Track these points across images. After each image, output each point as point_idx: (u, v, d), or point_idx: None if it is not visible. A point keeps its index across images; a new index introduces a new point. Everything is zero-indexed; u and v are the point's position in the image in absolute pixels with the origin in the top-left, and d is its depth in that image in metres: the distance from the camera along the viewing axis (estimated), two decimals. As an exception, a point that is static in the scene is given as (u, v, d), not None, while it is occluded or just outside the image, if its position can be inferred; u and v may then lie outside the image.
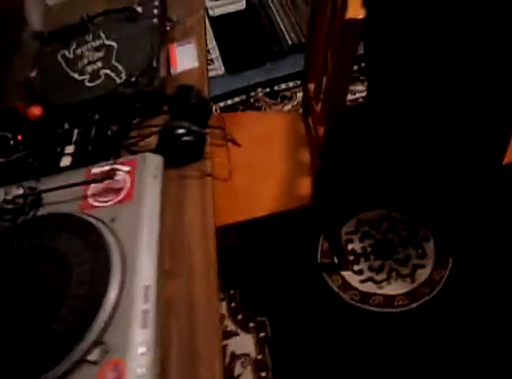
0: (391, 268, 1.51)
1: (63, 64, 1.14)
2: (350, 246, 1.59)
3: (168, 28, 1.24)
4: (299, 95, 2.06)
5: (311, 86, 1.27)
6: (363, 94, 1.94)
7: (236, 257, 1.61)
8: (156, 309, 0.70)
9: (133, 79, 1.02)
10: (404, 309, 1.43)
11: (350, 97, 1.96)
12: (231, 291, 1.56)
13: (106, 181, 0.84)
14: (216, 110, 2.11)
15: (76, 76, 1.10)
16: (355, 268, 1.53)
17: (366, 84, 1.88)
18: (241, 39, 2.12)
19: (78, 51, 1.16)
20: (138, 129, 1.01)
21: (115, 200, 0.83)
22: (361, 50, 1.21)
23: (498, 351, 1.29)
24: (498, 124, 1.10)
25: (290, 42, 2.18)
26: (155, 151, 0.90)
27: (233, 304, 1.53)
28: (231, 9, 2.01)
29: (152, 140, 0.95)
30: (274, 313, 1.49)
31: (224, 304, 1.54)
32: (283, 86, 2.11)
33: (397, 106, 1.15)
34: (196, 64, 1.13)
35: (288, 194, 1.24)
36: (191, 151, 0.90)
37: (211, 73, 2.25)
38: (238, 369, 1.41)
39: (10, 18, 1.31)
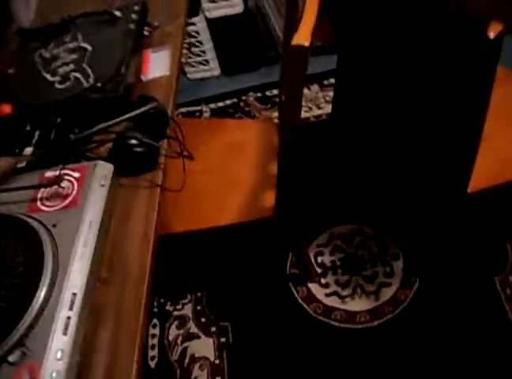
0: (357, 283, 1.52)
1: (39, 63, 1.17)
2: (320, 259, 1.60)
3: (146, 33, 1.26)
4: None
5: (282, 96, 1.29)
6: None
7: (207, 260, 1.63)
8: (79, 317, 0.73)
9: (99, 84, 1.04)
10: (366, 326, 1.44)
11: (317, 112, 1.98)
12: (198, 294, 1.58)
13: (54, 187, 0.87)
14: (200, 113, 2.13)
15: (48, 76, 1.12)
16: (323, 281, 1.54)
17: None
18: (237, 42, 2.13)
19: (55, 51, 1.18)
20: (101, 135, 1.03)
21: (61, 206, 0.85)
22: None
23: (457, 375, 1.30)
24: (460, 152, 1.10)
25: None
26: (107, 159, 0.92)
27: (198, 307, 1.56)
28: (229, 12, 2.02)
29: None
30: (238, 320, 1.51)
31: (189, 306, 1.56)
32: (275, 91, 2.12)
33: (362, 122, 1.16)
34: (167, 72, 1.15)
35: (252, 205, 1.25)
36: (142, 162, 0.92)
37: (206, 74, 2.28)
38: (196, 372, 1.44)
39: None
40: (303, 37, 0.75)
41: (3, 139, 1.00)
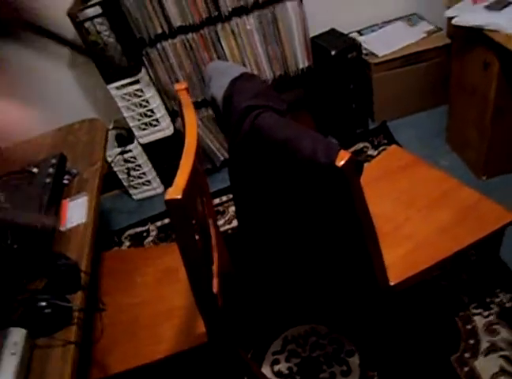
0: (317, 388, 1.49)
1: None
2: (276, 367, 1.57)
3: (66, 182, 1.34)
4: (232, 208, 2.14)
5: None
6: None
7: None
8: None
9: (15, 246, 1.08)
10: None
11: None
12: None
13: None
14: (147, 233, 2.18)
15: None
16: (282, 391, 1.51)
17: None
18: (174, 160, 2.23)
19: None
20: (21, 294, 1.05)
21: (-31, 385, 0.85)
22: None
23: None
24: (357, 258, 1.13)
25: (221, 157, 2.30)
26: (19, 323, 0.94)
27: None
28: (160, 135, 2.14)
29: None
30: None
31: None
32: (216, 201, 2.20)
33: (262, 236, 1.21)
34: (84, 220, 1.20)
35: (188, 333, 1.25)
36: (53, 322, 0.93)
37: (150, 193, 2.36)
38: None
39: None
40: (175, 192, 0.81)
41: None
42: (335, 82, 2.17)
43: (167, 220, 2.20)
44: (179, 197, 0.81)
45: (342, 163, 0.76)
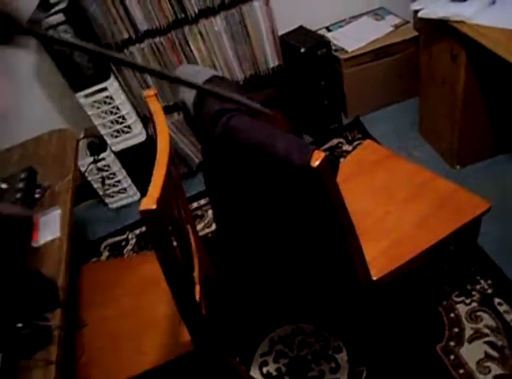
0: (306, 387, 1.48)
1: None
2: (265, 369, 1.56)
3: (38, 196, 1.30)
4: (210, 212, 2.12)
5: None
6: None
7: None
8: None
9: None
10: None
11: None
12: None
13: None
14: (126, 241, 2.14)
15: None
16: (272, 393, 1.50)
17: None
18: (149, 166, 2.20)
19: None
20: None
21: None
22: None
23: None
24: (336, 255, 1.13)
25: (197, 160, 2.28)
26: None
27: None
28: (132, 142, 2.11)
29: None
30: None
31: None
32: (195, 205, 2.17)
33: (239, 238, 1.20)
34: (58, 234, 1.17)
35: (172, 342, 1.23)
36: (32, 343, 0.90)
37: (127, 201, 2.32)
38: None
39: None
40: (150, 201, 0.79)
41: None
42: (306, 79, 2.17)
43: (144, 228, 2.17)
44: (154, 207, 0.79)
45: (317, 163, 0.75)
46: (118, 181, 2.23)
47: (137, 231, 2.17)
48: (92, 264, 1.94)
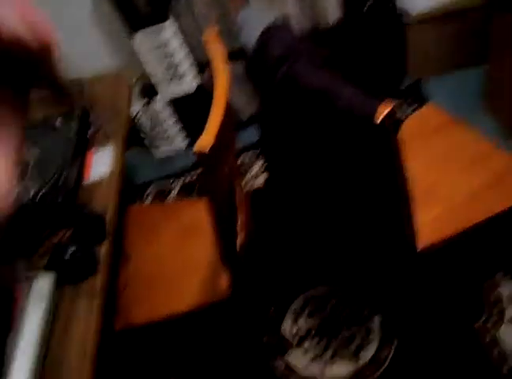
0: (336, 347, 1.49)
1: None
2: (296, 326, 1.58)
3: (91, 135, 1.32)
4: (255, 167, 2.11)
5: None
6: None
7: (174, 345, 1.60)
8: None
9: (40, 195, 1.08)
10: (349, 393, 1.40)
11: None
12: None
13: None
14: (169, 190, 2.17)
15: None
16: (301, 347, 1.52)
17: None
18: (198, 116, 2.19)
19: None
20: (47, 242, 1.05)
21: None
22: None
23: None
24: (389, 220, 1.10)
25: (247, 114, 2.25)
26: (46, 268, 0.94)
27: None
28: (185, 89, 2.10)
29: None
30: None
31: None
32: (241, 158, 2.16)
33: (293, 191, 1.18)
34: (109, 171, 1.19)
35: (210, 288, 1.26)
36: (81, 270, 0.94)
37: (172, 149, 2.34)
38: None
39: None
40: (203, 144, 0.78)
41: None
42: (368, 37, 2.07)
43: (189, 178, 2.19)
44: (208, 149, 0.78)
45: (382, 117, 0.71)
46: (167, 129, 2.24)
47: (181, 181, 2.19)
48: (137, 205, 1.98)
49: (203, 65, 2.11)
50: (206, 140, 0.79)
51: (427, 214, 1.23)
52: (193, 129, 2.28)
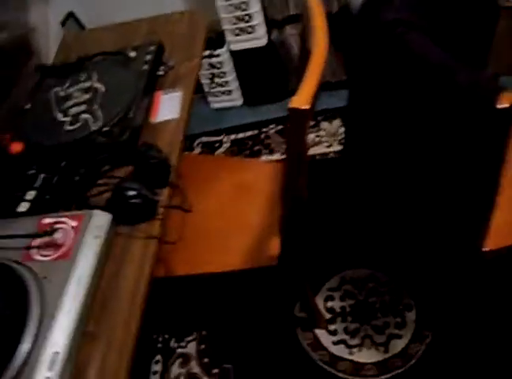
0: (366, 333, 1.46)
1: (53, 101, 1.18)
2: (329, 304, 1.55)
3: (161, 73, 1.26)
4: (311, 136, 2.04)
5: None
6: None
7: (212, 301, 1.60)
8: (60, 378, 0.71)
9: (106, 128, 1.05)
10: (372, 380, 1.37)
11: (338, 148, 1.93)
12: (204, 332, 1.55)
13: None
14: (220, 143, 2.13)
15: (59, 116, 1.13)
16: (331, 327, 1.49)
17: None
18: (260, 74, 2.12)
19: (69, 90, 1.20)
20: (106, 179, 1.02)
21: (54, 257, 0.84)
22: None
23: None
24: (473, 208, 1.04)
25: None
26: (106, 208, 0.92)
27: (203, 346, 1.53)
28: (253, 44, 2.02)
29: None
30: (241, 363, 1.47)
31: (193, 344, 1.54)
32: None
33: (371, 163, 1.12)
34: (176, 115, 1.15)
35: (257, 251, 1.22)
36: (139, 213, 0.91)
37: (228, 104, 2.28)
38: (194, 413, 1.41)
39: (18, 49, 1.38)
40: (302, 100, 0.73)
41: (8, 179, 1.01)
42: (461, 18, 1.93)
43: (241, 134, 2.14)
44: (307, 107, 0.73)
45: (507, 105, 0.64)
46: (227, 82, 2.18)
47: (233, 136, 2.15)
48: (191, 155, 1.95)
49: (274, 23, 2.02)
50: (305, 97, 0.73)
51: (502, 213, 1.16)
52: (250, 86, 2.21)
